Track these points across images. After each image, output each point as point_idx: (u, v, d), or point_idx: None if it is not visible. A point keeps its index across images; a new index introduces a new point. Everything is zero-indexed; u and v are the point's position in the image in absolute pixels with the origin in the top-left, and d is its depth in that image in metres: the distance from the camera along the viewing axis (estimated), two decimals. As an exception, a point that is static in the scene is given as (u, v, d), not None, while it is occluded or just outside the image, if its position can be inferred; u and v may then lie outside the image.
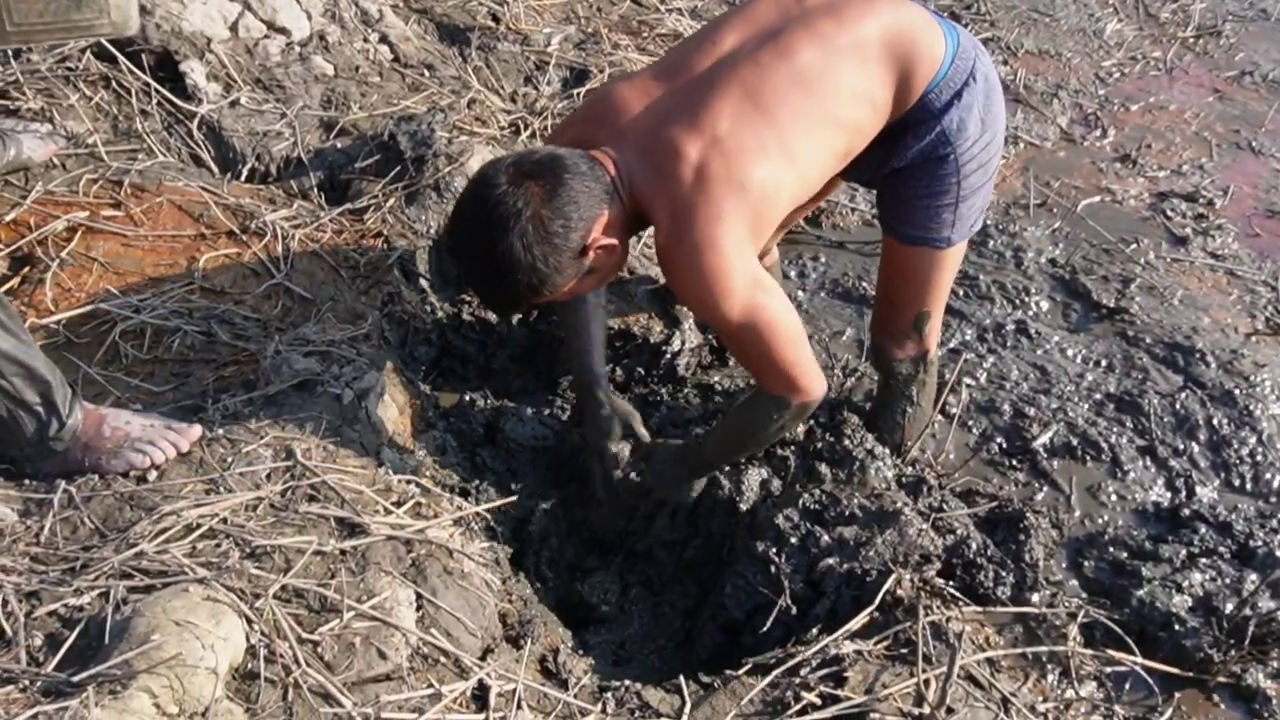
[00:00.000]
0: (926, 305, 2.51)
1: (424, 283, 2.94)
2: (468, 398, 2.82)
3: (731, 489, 2.48)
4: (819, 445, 2.56)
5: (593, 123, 2.15)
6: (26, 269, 2.61)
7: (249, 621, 1.71)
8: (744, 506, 2.45)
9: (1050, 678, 2.18)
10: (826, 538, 2.32)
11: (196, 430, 2.06)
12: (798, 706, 1.94)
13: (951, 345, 3.14)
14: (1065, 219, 3.80)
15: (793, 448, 2.56)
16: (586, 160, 2.00)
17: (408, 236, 2.97)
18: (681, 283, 2.06)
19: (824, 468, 2.49)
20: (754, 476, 2.50)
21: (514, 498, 2.25)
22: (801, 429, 2.59)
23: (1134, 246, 3.67)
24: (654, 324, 3.02)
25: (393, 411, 2.37)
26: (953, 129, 2.21)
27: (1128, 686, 2.24)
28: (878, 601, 2.15)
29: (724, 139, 1.99)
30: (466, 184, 2.02)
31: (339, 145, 3.22)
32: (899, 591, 2.20)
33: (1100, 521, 2.61)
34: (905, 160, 2.27)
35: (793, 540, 2.32)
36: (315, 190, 3.07)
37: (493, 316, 2.91)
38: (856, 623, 2.11)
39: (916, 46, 2.14)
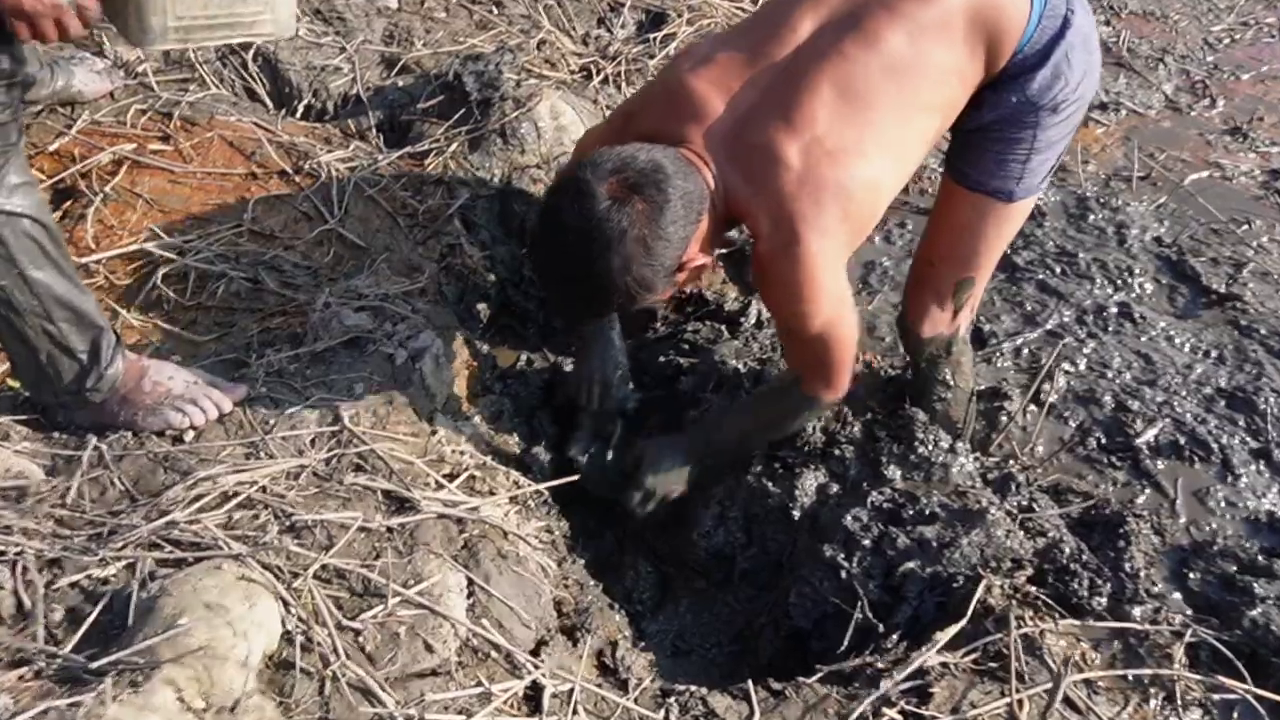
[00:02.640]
0: (971, 270, 2.33)
1: (485, 234, 2.79)
2: (525, 358, 2.68)
3: (783, 495, 2.32)
4: (883, 444, 2.39)
5: (670, 117, 2.03)
6: (69, 202, 2.50)
7: (285, 605, 1.58)
8: (797, 513, 2.29)
9: (1153, 703, 2.00)
10: (904, 538, 2.16)
11: (241, 391, 1.94)
12: (878, 723, 1.79)
13: (1049, 326, 2.93)
14: (1171, 194, 3.56)
15: (850, 447, 2.40)
16: (685, 166, 1.90)
17: (470, 184, 2.81)
18: (773, 290, 2.04)
19: (893, 470, 2.32)
20: (809, 481, 2.33)
21: (575, 477, 2.10)
22: (859, 427, 2.43)
23: (1245, 228, 3.43)
24: (728, 289, 2.86)
25: (448, 374, 2.23)
26: (1035, 89, 2.07)
27: (1236, 716, 2.06)
28: (970, 612, 1.98)
29: (822, 140, 1.91)
30: (558, 188, 1.91)
31: (400, 84, 3.07)
32: (988, 599, 2.04)
33: (1208, 530, 2.41)
34: (984, 119, 2.13)
35: (865, 542, 2.16)
36: (374, 131, 2.93)
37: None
38: (947, 635, 1.94)
39: (1002, 10, 2.00)
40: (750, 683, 1.88)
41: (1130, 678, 2.03)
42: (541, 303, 2.81)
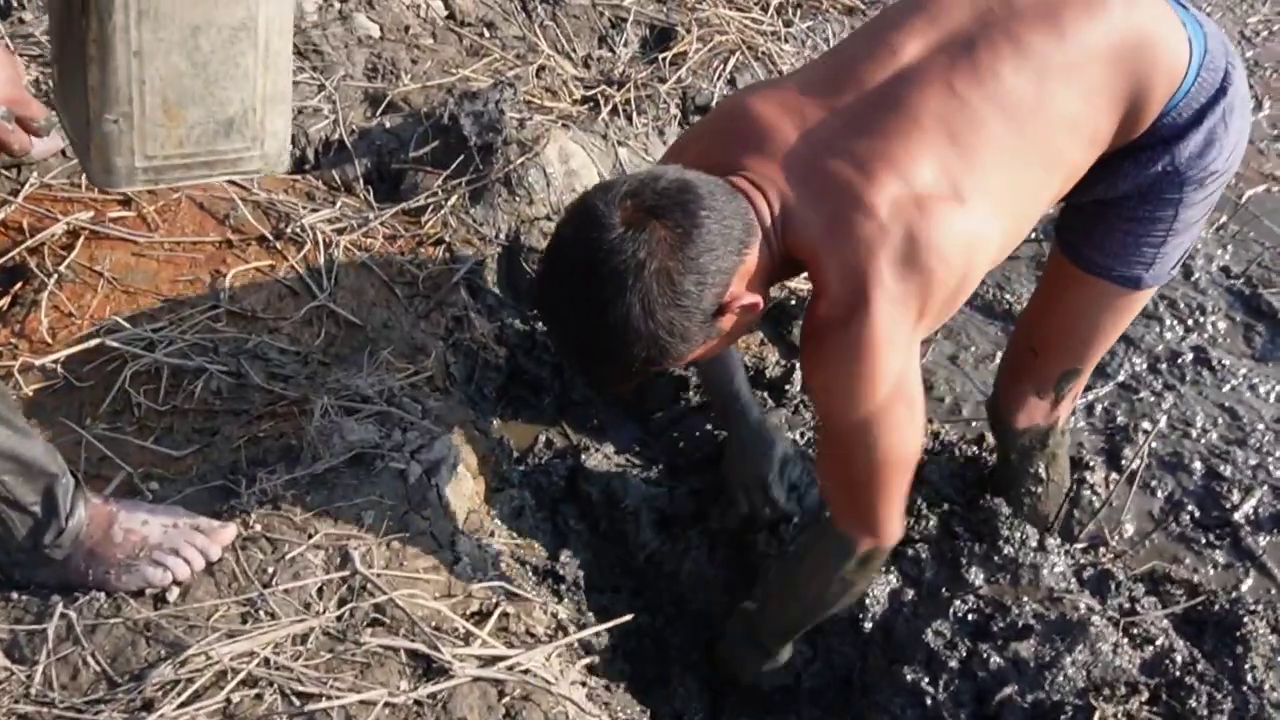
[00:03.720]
0: (1079, 361, 2.07)
1: (492, 299, 2.54)
2: (544, 439, 2.44)
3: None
4: (962, 541, 2.16)
5: (725, 145, 1.69)
6: (19, 285, 2.22)
7: (303, 823, 1.34)
8: (868, 625, 2.06)
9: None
10: (996, 657, 1.94)
11: (230, 532, 1.68)
12: None
13: (1120, 379, 2.71)
14: (1232, 216, 3.34)
15: (924, 545, 2.17)
16: (725, 190, 1.53)
17: (474, 243, 2.56)
18: (820, 365, 1.65)
19: (976, 572, 2.09)
20: (879, 585, 2.09)
21: (629, 617, 1.85)
22: (934, 520, 2.19)
23: (1315, 250, 3.23)
24: (767, 352, 2.62)
25: (466, 483, 1.99)
26: (1184, 159, 1.77)
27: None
28: (1087, 754, 1.76)
29: (923, 192, 1.55)
30: (565, 218, 1.56)
31: (387, 125, 2.80)
32: (1103, 732, 1.82)
33: (1323, 620, 2.20)
34: (1116, 192, 1.84)
35: (951, 663, 1.94)
36: (361, 182, 2.66)
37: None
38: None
39: (1155, 58, 1.68)
40: None
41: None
42: (556, 368, 2.56)
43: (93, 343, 2.09)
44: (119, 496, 1.76)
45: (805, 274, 1.69)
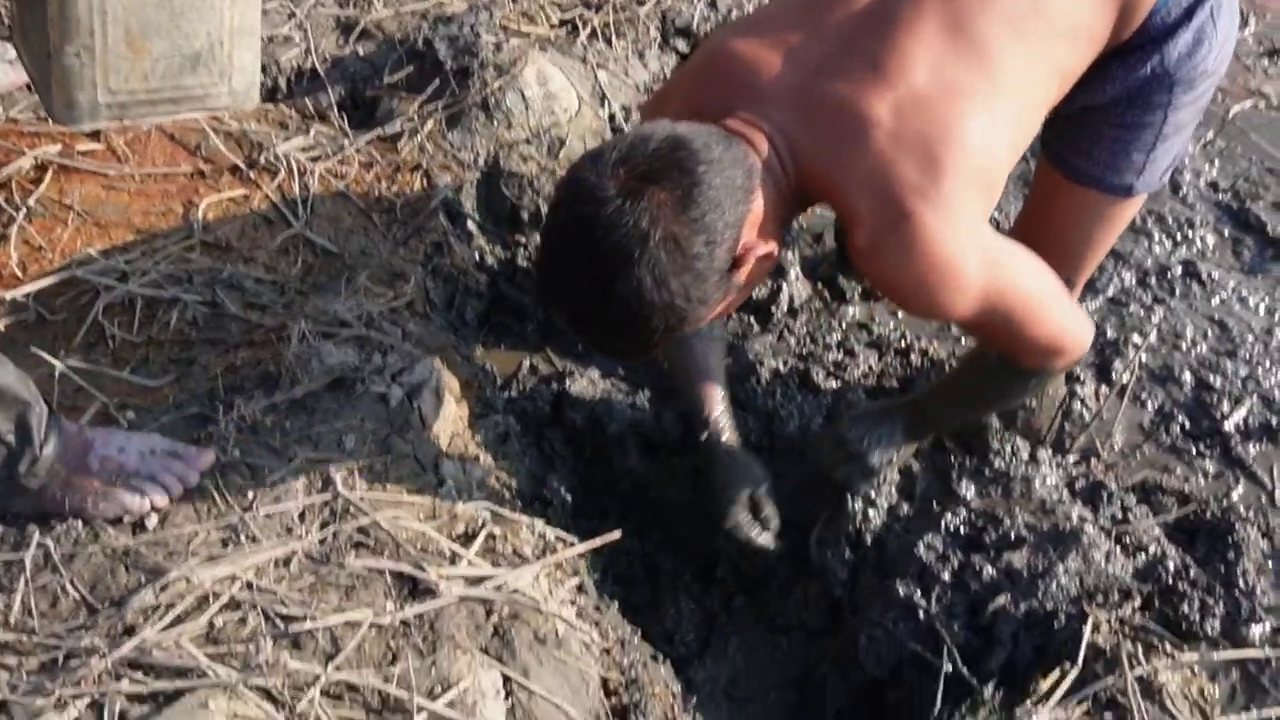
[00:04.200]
0: (1072, 273, 2.03)
1: (472, 224, 2.50)
2: (528, 364, 2.41)
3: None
4: (955, 456, 2.14)
5: (711, 88, 1.64)
6: (-14, 221, 2.18)
7: (291, 741, 1.32)
8: (868, 538, 2.05)
9: (1285, 744, 1.79)
10: (990, 569, 1.92)
11: (209, 457, 1.65)
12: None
13: (1110, 294, 2.69)
14: (1219, 130, 3.31)
15: (915, 459, 2.15)
16: (719, 138, 1.47)
17: (451, 168, 2.52)
18: (901, 290, 1.61)
19: (967, 486, 2.07)
20: (869, 503, 2.08)
21: (616, 534, 1.83)
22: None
23: (1302, 163, 3.20)
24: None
25: (449, 407, 1.96)
26: (1174, 59, 1.74)
27: (1370, 746, 1.86)
28: (1081, 659, 1.75)
29: (923, 91, 1.50)
30: (556, 196, 1.50)
31: (361, 52, 2.75)
32: (1096, 638, 1.81)
33: (1315, 526, 2.20)
34: (1104, 97, 1.81)
35: (944, 575, 1.93)
36: (335, 110, 2.61)
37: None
38: (1061, 688, 1.72)
39: None
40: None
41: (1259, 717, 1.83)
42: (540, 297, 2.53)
43: (64, 275, 2.05)
44: (95, 425, 1.73)
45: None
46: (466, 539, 1.72)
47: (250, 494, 1.64)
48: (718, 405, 2.07)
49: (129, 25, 1.41)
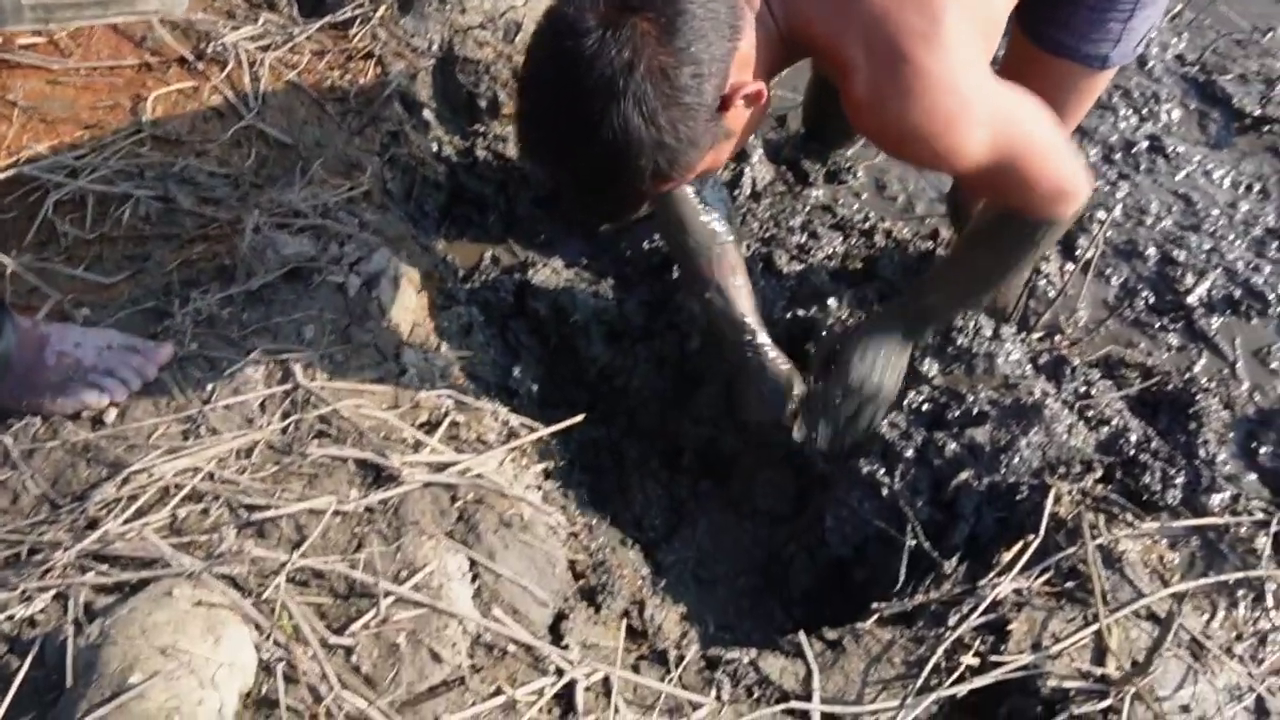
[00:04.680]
0: None
1: (428, 113, 2.46)
2: (490, 255, 2.39)
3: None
4: None
5: None
6: (-73, 119, 2.13)
7: (257, 626, 1.33)
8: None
9: (1242, 608, 1.83)
10: (953, 445, 1.94)
11: (167, 351, 1.64)
12: (954, 675, 1.59)
13: (1075, 170, 2.68)
14: (1187, 3, 3.27)
15: None
16: None
17: (405, 56, 2.46)
18: (905, 141, 1.54)
19: (930, 364, 2.08)
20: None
21: (579, 419, 1.83)
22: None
23: (1270, 36, 3.17)
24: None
25: (409, 296, 1.94)
26: None
27: (1326, 606, 1.91)
28: (1044, 528, 1.78)
29: None
30: (535, 36, 1.42)
31: (308, -64, 2.66)
32: (1057, 510, 1.84)
33: (1274, 395, 2.23)
34: None
35: (907, 453, 1.94)
36: (284, -4, 2.54)
37: (513, 151, 2.44)
38: (1023, 559, 1.75)
39: None
40: (803, 636, 1.67)
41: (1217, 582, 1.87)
42: (500, 185, 2.50)
43: (11, 173, 2.01)
44: (50, 322, 1.71)
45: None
46: (430, 427, 1.72)
47: (209, 386, 1.63)
48: (750, 307, 2.02)
49: None
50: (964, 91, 1.47)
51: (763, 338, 2.00)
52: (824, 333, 2.11)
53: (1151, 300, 2.37)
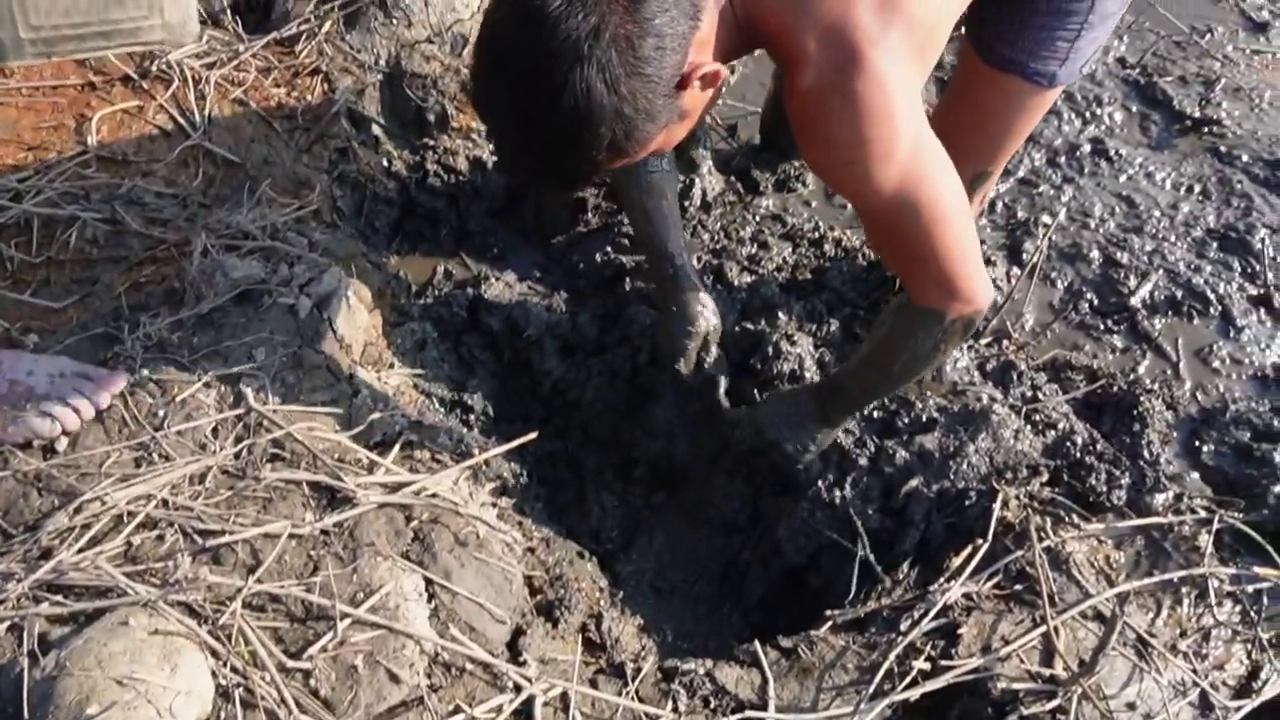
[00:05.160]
0: (990, 163, 2.06)
1: (376, 129, 2.47)
2: (443, 270, 2.41)
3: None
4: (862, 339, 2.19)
5: None
6: None
7: (213, 654, 1.35)
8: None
9: (1185, 605, 1.89)
10: (903, 453, 1.98)
11: (119, 380, 1.65)
12: (907, 679, 1.63)
13: (1020, 174, 2.73)
14: (1128, 6, 3.33)
15: (829, 350, 2.20)
16: None
17: (352, 71, 2.47)
18: (826, 140, 1.54)
19: None
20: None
21: (533, 435, 1.85)
22: (836, 325, 2.21)
23: (1209, 37, 3.24)
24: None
25: (361, 315, 1.96)
26: None
27: (1266, 601, 1.96)
28: (992, 532, 1.83)
29: None
30: (493, 6, 1.41)
31: (251, -48, 2.67)
32: (1005, 513, 1.89)
33: (1215, 394, 2.28)
34: None
35: (860, 461, 1.98)
36: (228, 14, 2.54)
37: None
38: (972, 563, 1.79)
39: None
40: (759, 644, 1.71)
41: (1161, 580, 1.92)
42: (451, 199, 2.52)
43: (-48, 198, 2.01)
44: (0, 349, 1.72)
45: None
46: (383, 447, 1.74)
47: (161, 412, 1.65)
48: (679, 241, 2.08)
49: None
50: (898, 107, 1.48)
51: (683, 270, 2.07)
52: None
53: (1096, 303, 2.43)
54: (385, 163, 2.44)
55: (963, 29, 1.97)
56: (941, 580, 1.80)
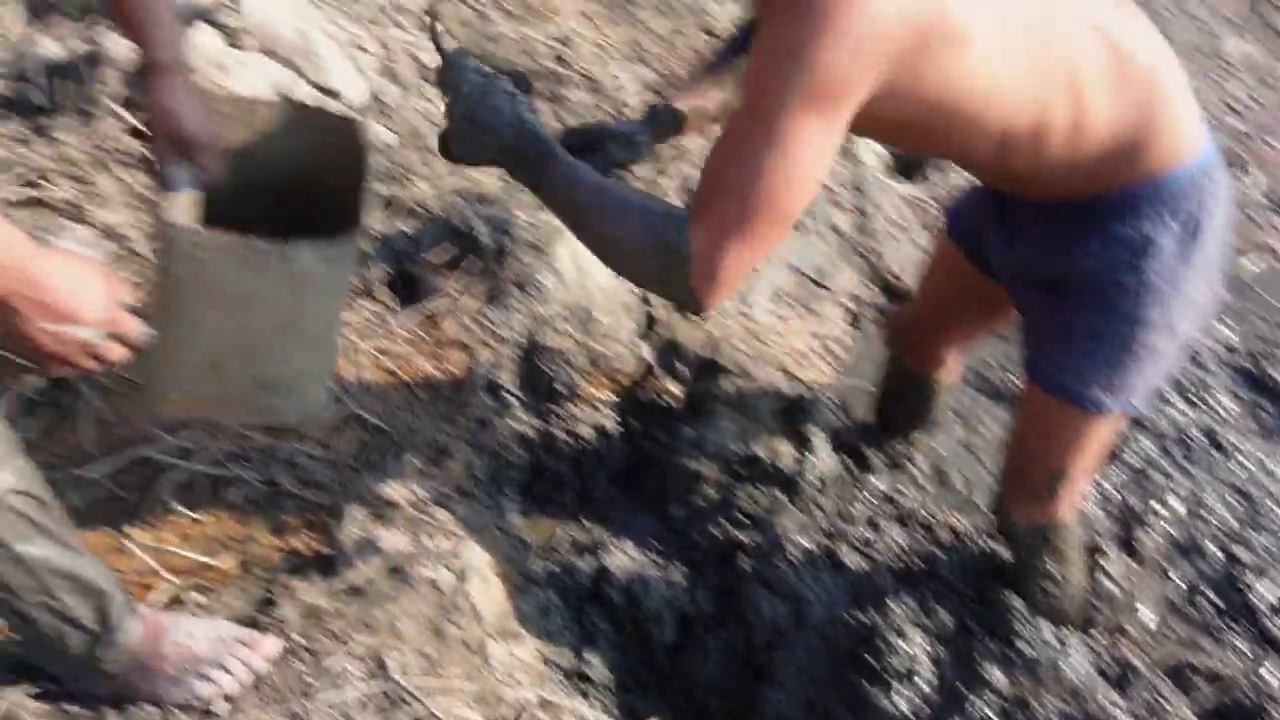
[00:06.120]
0: (1064, 463, 2.08)
1: (513, 400, 2.65)
2: (563, 534, 2.53)
3: (878, 691, 2.13)
4: (980, 639, 2.20)
5: None
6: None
7: None
8: None
9: None
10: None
11: (273, 645, 1.78)
12: None
13: (1133, 463, 2.80)
14: (1230, 288, 3.45)
15: (943, 645, 2.20)
16: None
17: (491, 345, 2.67)
18: (772, 43, 1.48)
19: (994, 670, 2.14)
20: (896, 693, 2.12)
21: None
22: (945, 614, 2.25)
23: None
24: (780, 445, 2.71)
25: (495, 587, 2.08)
26: (1145, 243, 1.75)
27: None
28: None
29: None
30: None
31: (404, 229, 2.92)
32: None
33: (1344, 704, 2.26)
34: (1076, 262, 1.81)
35: (976, 761, 2.00)
36: (382, 285, 2.77)
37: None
38: None
39: (1165, 95, 1.69)
40: None
41: None
42: (575, 464, 2.66)
43: (132, 454, 2.19)
44: (164, 607, 1.85)
45: None
46: (516, 723, 1.82)
47: (311, 680, 1.76)
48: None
49: (214, 358, 1.66)
50: (844, 37, 1.44)
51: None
52: None
53: (1215, 600, 2.44)
54: (517, 428, 2.60)
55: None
56: None
